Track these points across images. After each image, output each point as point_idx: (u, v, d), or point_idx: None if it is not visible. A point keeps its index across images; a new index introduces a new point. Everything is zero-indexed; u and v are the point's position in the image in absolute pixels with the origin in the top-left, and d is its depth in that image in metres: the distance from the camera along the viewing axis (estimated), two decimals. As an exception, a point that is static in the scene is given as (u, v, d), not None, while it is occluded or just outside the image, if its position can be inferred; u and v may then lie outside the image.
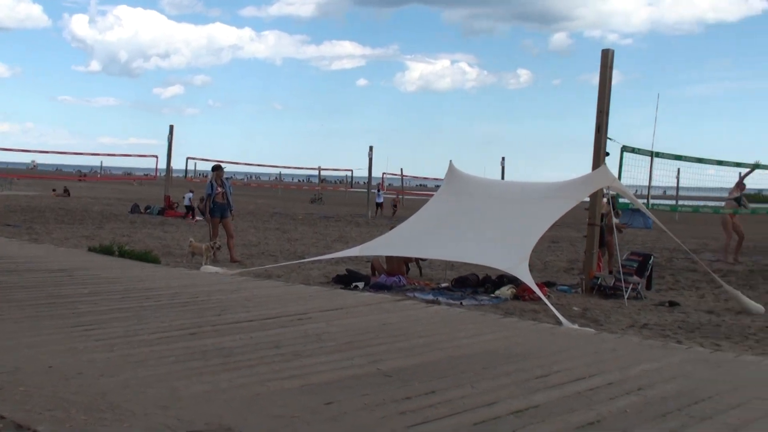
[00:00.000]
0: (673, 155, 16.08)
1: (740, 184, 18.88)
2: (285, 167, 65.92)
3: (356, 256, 15.18)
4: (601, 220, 13.82)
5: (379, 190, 42.51)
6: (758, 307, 11.72)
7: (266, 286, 11.61)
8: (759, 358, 7.95)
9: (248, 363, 6.56)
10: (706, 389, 6.26)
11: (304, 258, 15.71)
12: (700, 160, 17.21)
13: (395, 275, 13.19)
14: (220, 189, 16.75)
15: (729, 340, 9.37)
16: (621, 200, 15.06)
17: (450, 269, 14.88)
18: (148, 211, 32.34)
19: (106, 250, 14.91)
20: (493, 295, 12.10)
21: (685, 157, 16.62)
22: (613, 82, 13.34)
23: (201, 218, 24.35)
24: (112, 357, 6.58)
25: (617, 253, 13.77)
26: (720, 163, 17.89)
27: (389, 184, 62.95)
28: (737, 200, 17.87)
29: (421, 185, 76.54)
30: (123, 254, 14.57)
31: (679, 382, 6.52)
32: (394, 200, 43.18)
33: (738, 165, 18.85)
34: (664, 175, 18.00)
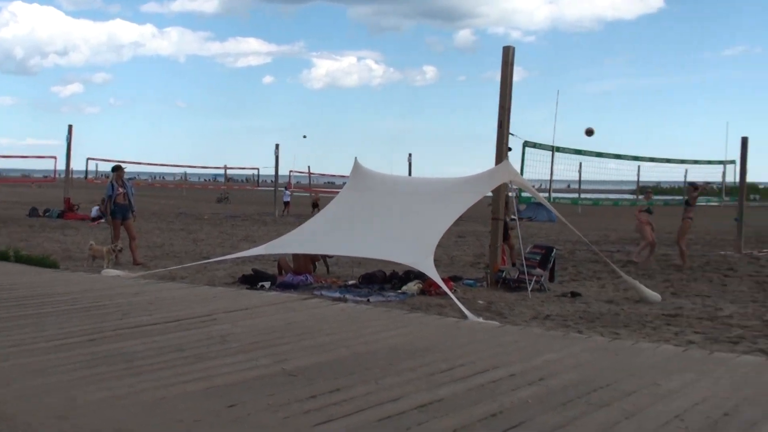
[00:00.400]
0: (573, 150, 16.48)
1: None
2: (190, 166, 64.79)
3: (263, 256, 15.05)
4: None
5: (286, 189, 42.23)
6: (655, 295, 12.10)
7: (170, 289, 11.41)
8: (655, 344, 8.20)
9: (150, 367, 6.43)
10: (605, 377, 6.42)
11: (210, 258, 15.50)
12: (599, 155, 17.70)
13: (302, 274, 13.12)
14: (121, 190, 16.37)
15: (627, 329, 9.63)
16: (524, 194, 15.34)
17: (357, 266, 14.90)
18: (48, 214, 31.36)
19: (2, 256, 14.42)
20: (399, 291, 12.15)
21: (585, 151, 17.08)
22: (516, 78, 13.56)
23: (103, 220, 23.76)
24: (7, 366, 6.35)
25: (520, 246, 14.01)
26: (618, 157, 18.44)
27: (297, 182, 62.72)
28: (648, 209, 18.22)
29: (329, 183, 76.46)
30: (20, 259, 14.11)
31: (580, 371, 6.67)
32: (314, 198, 42.80)
33: (636, 159, 19.46)
34: (567, 170, 18.47)
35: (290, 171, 51.94)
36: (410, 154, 39.75)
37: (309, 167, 55.95)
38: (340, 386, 5.93)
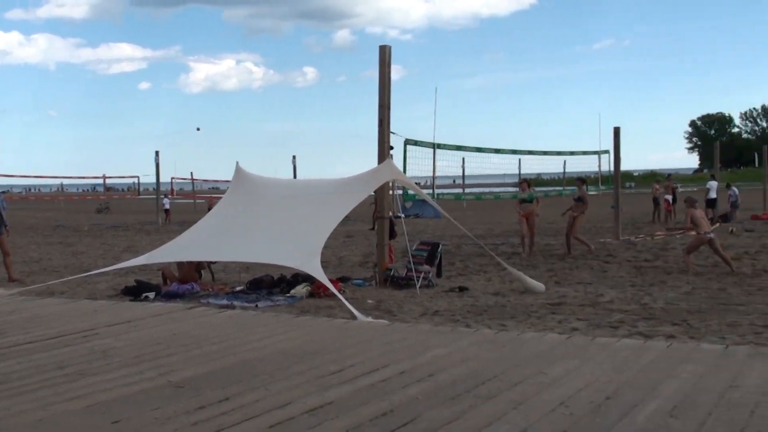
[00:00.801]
0: (454, 146, 16.72)
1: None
2: (67, 177, 62.56)
3: (147, 266, 14.67)
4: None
5: (166, 196, 41.27)
6: (539, 285, 12.37)
7: (49, 305, 10.98)
8: (540, 333, 8.38)
9: (29, 387, 6.18)
10: (493, 369, 6.51)
11: (91, 271, 15.00)
12: (479, 150, 18.02)
13: (188, 282, 12.86)
14: (-9, 205, 15.64)
15: (514, 320, 9.81)
16: (408, 192, 15.46)
17: (245, 272, 14.70)
18: None
19: None
20: (288, 294, 12.04)
21: (466, 147, 17.37)
22: (396, 76, 13.66)
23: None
24: None
25: (407, 243, 14.07)
26: (497, 151, 18.79)
27: (180, 189, 61.48)
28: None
29: (213, 188, 75.29)
30: None
31: (468, 364, 6.74)
32: (210, 203, 41.84)
33: (515, 152, 19.89)
34: (450, 165, 18.70)
35: (172, 178, 50.94)
36: (294, 156, 39.51)
37: (192, 173, 54.99)
38: (229, 395, 5.83)
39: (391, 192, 14.18)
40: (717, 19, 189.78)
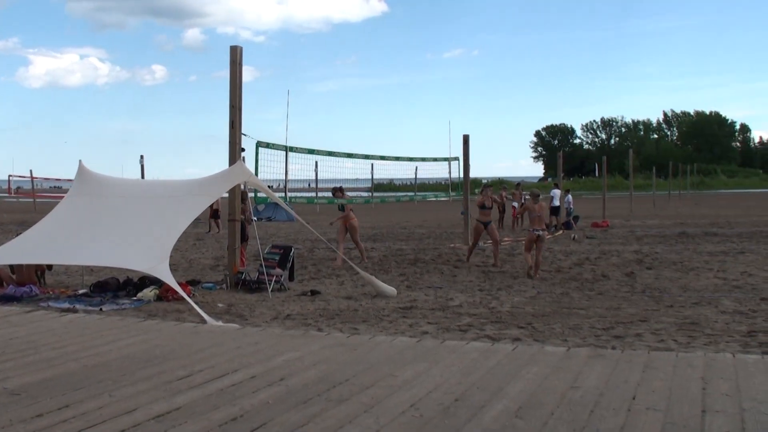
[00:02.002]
0: (306, 149, 16.65)
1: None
2: None
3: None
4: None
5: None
6: (391, 289, 12.48)
7: None
8: (391, 337, 8.45)
9: None
10: (344, 372, 6.51)
11: None
12: (330, 154, 18.03)
13: (26, 285, 12.25)
14: None
15: (366, 324, 9.86)
16: (259, 195, 15.29)
17: (89, 274, 14.17)
18: None
19: None
20: (135, 297, 11.70)
21: (318, 150, 17.34)
22: (249, 78, 13.61)
23: None
24: None
25: (258, 246, 13.92)
26: (350, 156, 18.87)
27: (18, 187, 58.72)
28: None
29: (55, 187, 72.27)
30: None
31: (319, 368, 6.71)
32: None
33: (367, 157, 20.04)
34: (304, 169, 18.62)
35: (9, 176, 48.56)
36: (142, 156, 38.42)
37: (31, 171, 52.60)
38: (69, 402, 5.57)
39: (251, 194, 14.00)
40: (561, 32, 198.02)
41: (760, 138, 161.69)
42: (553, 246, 21.41)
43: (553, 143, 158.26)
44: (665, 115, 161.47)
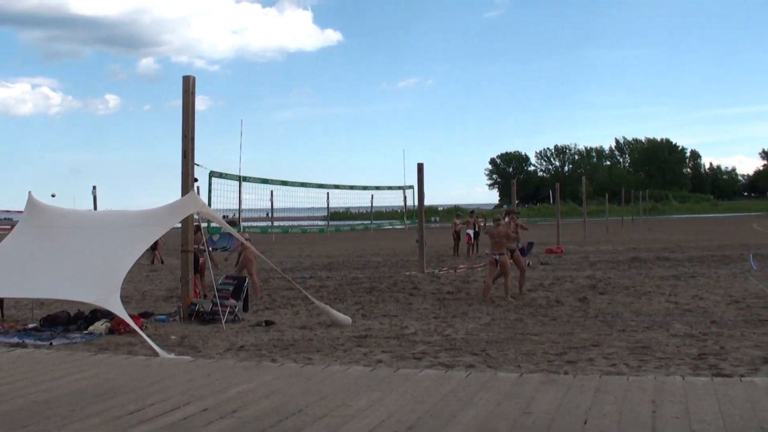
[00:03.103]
0: (260, 179, 16.65)
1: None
2: None
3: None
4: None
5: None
6: (346, 318, 12.46)
7: None
8: (345, 366, 8.43)
9: None
10: (298, 403, 6.47)
11: None
12: (285, 183, 18.06)
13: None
14: None
15: (320, 353, 9.82)
16: (212, 225, 15.22)
17: (39, 308, 13.95)
18: None
19: None
20: (86, 331, 11.54)
21: (272, 180, 17.36)
22: (203, 107, 13.62)
23: None
24: None
25: (212, 277, 13.82)
26: (304, 185, 18.92)
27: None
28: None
29: (6, 218, 71.00)
30: None
31: (273, 399, 6.67)
32: None
33: (321, 186, 20.09)
34: (259, 199, 18.61)
35: (-44, 206, 47.58)
36: (94, 187, 37.94)
37: (-19, 203, 51.68)
38: (16, 440, 5.46)
39: (195, 224, 13.89)
40: (515, 62, 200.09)
41: (710, 164, 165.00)
42: (508, 272, 21.53)
43: (508, 170, 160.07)
44: (617, 142, 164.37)
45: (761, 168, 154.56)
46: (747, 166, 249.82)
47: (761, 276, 18.54)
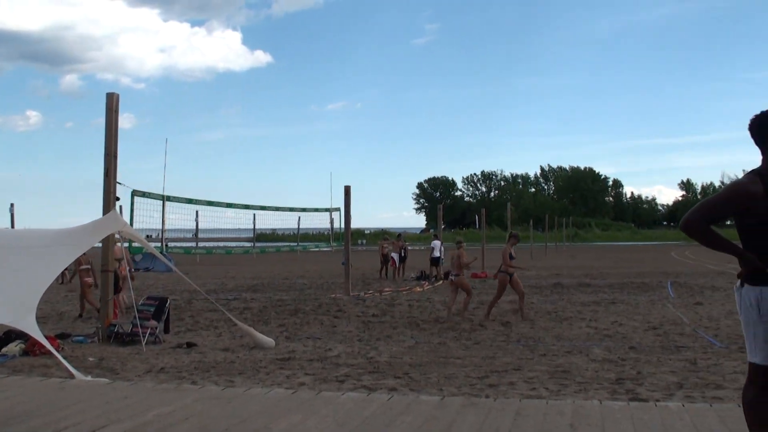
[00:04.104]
0: (185, 199, 16.46)
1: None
2: None
3: None
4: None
5: None
6: (269, 341, 12.35)
7: None
8: (267, 389, 8.33)
9: None
10: (217, 426, 6.37)
11: None
12: (210, 203, 17.89)
13: None
14: None
15: (242, 375, 9.70)
16: (134, 245, 14.95)
17: (-50, 328, 13.47)
18: None
19: None
20: (-1, 353, 11.18)
21: (197, 200, 17.17)
22: (128, 126, 13.46)
23: None
24: None
25: (132, 298, 13.57)
26: (230, 206, 18.77)
27: None
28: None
29: None
30: None
31: (192, 422, 6.55)
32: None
33: (247, 207, 19.95)
34: (185, 219, 18.36)
35: None
36: (12, 205, 37.00)
37: None
38: None
39: (124, 245, 13.64)
40: (444, 88, 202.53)
41: (632, 193, 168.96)
42: (433, 296, 21.68)
43: (435, 195, 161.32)
44: (542, 169, 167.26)
45: (680, 198, 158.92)
46: (666, 196, 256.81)
47: (678, 303, 19.02)
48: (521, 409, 6.99)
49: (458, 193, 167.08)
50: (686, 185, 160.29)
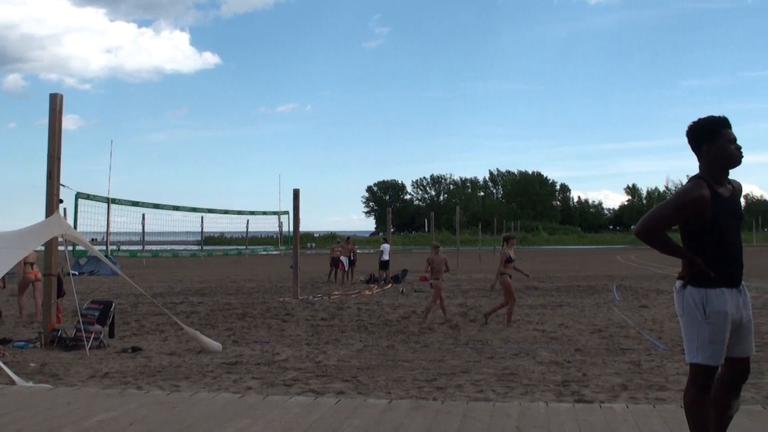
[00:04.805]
0: (130, 201, 16.24)
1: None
2: None
3: None
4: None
5: None
6: (216, 345, 12.23)
7: None
8: (213, 394, 8.25)
9: None
10: (163, 430, 6.29)
11: None
12: (157, 206, 17.70)
13: None
14: None
15: (188, 380, 9.59)
16: (78, 248, 14.72)
17: None
18: None
19: None
20: (-63, 358, 10.91)
21: (143, 203, 16.97)
22: (73, 127, 13.23)
23: None
24: None
25: (76, 302, 13.36)
26: (176, 208, 18.58)
27: None
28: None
29: None
30: None
31: (136, 427, 6.46)
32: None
33: (194, 210, 19.76)
34: (131, 222, 18.13)
35: None
36: (-46, 208, 36.30)
37: None
38: None
39: (61, 248, 13.41)
40: (393, 91, 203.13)
41: (579, 198, 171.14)
42: (382, 299, 21.68)
43: (385, 198, 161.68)
44: (491, 173, 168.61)
45: (626, 203, 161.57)
46: (612, 200, 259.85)
47: (623, 306, 19.30)
48: (468, 411, 7.03)
49: (408, 196, 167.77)
50: (632, 190, 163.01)
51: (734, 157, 4.70)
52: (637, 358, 11.14)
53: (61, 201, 12.87)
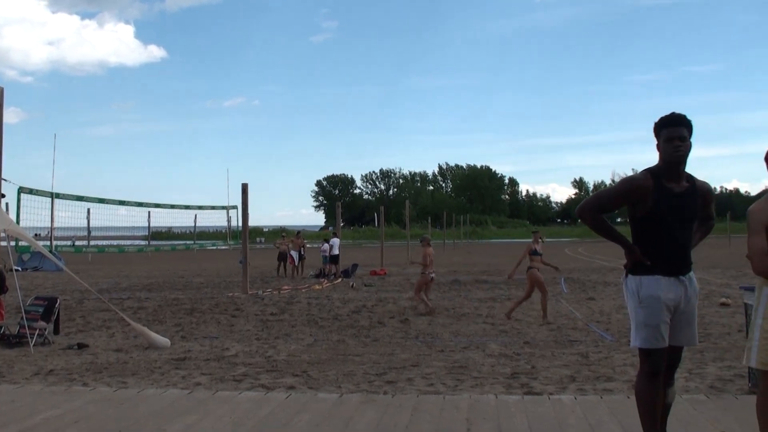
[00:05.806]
0: (74, 196, 16.01)
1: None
2: None
3: None
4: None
5: None
6: (164, 340, 12.09)
7: None
8: (161, 390, 8.15)
9: None
10: (109, 428, 6.21)
11: None
12: (101, 201, 17.43)
13: None
14: None
15: (136, 376, 9.46)
16: (21, 243, 14.44)
17: None
18: None
19: None
20: None
21: (87, 197, 16.71)
22: (15, 121, 12.97)
23: None
24: None
25: (20, 298, 13.11)
26: (122, 203, 18.32)
27: None
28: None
29: None
30: None
31: (81, 425, 6.36)
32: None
33: (140, 205, 19.53)
34: (75, 217, 17.82)
35: None
36: None
37: None
38: None
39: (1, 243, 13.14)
40: (341, 86, 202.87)
41: (527, 191, 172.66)
42: (332, 294, 21.65)
43: (334, 193, 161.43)
44: (440, 167, 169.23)
45: (573, 196, 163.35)
46: (560, 194, 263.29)
47: (571, 299, 19.52)
48: (418, 404, 7.04)
49: (357, 190, 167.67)
50: (579, 183, 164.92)
51: (670, 155, 4.86)
52: (585, 349, 11.27)
53: (2, 195, 12.60)
